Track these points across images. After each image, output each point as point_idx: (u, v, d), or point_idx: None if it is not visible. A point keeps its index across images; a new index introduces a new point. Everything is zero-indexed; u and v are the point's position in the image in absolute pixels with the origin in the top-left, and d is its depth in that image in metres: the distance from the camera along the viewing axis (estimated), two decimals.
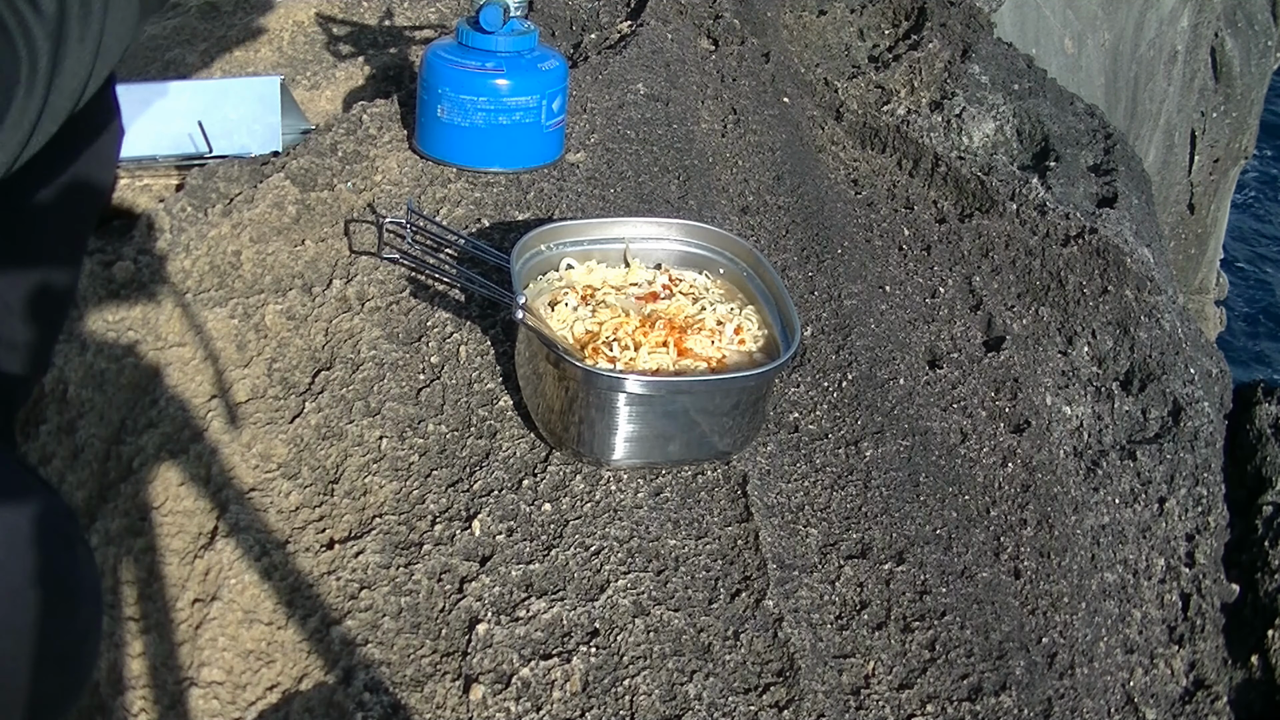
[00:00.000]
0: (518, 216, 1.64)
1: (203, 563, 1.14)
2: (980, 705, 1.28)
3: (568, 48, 2.23)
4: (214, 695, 1.06)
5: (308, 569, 1.17)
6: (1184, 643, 1.61)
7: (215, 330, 1.35)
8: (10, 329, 0.87)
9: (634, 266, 1.44)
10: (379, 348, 1.39)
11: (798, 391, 1.60)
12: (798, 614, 1.25)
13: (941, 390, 1.78)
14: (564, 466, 1.31)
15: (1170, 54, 6.68)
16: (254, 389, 1.32)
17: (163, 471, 1.20)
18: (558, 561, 1.21)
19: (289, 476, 1.24)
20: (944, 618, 1.35)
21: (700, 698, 1.13)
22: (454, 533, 1.22)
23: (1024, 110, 2.56)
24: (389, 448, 1.29)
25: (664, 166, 1.89)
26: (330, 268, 1.49)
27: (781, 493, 1.42)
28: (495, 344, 1.44)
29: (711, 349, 1.31)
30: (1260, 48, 7.80)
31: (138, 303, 1.34)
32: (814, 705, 1.15)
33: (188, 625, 1.10)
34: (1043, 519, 1.61)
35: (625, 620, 1.17)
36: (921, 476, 1.56)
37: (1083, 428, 1.87)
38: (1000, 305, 2.04)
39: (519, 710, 1.08)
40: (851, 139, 2.43)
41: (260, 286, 1.43)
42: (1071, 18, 5.44)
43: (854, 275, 1.94)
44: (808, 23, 2.74)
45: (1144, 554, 1.69)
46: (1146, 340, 2.01)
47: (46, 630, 0.71)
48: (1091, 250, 2.11)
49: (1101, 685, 1.47)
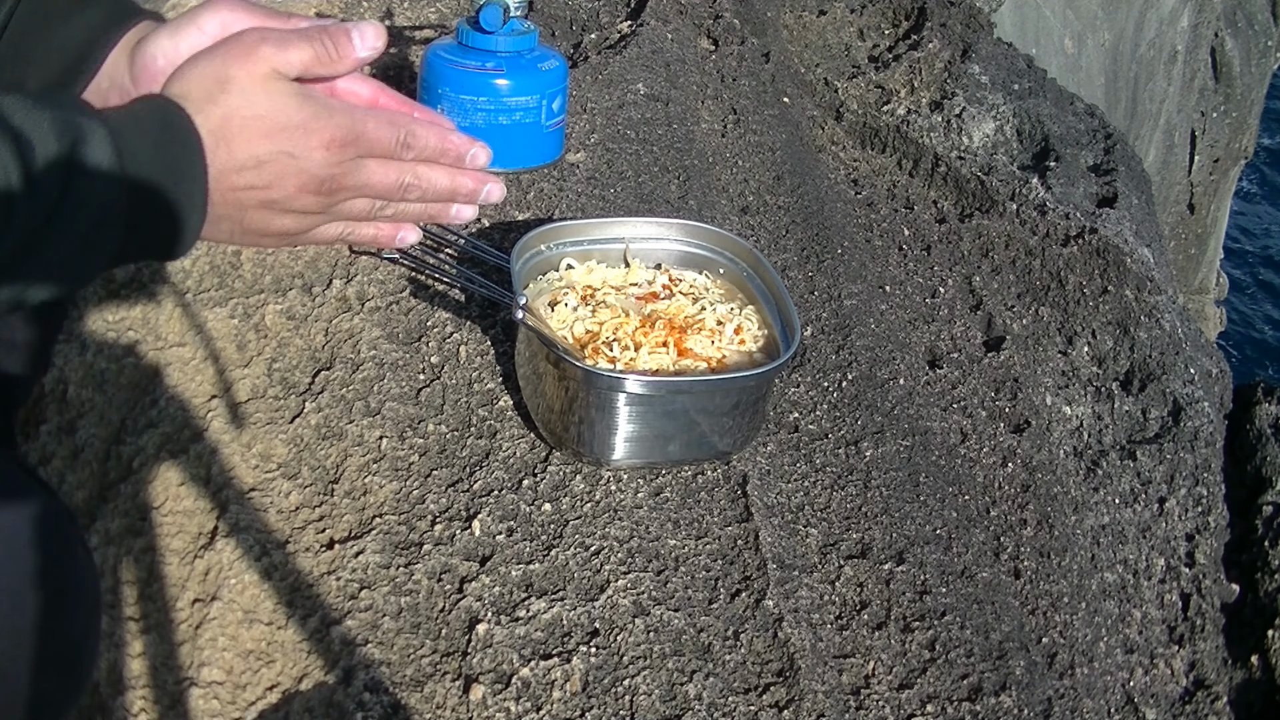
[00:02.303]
0: (518, 216, 1.64)
1: (203, 563, 1.14)
2: (980, 705, 1.28)
3: (568, 48, 2.23)
4: (214, 695, 1.06)
5: (308, 569, 1.17)
6: (1184, 643, 1.61)
7: (215, 330, 1.35)
8: (9, 329, 0.87)
9: (634, 266, 1.44)
10: (379, 348, 1.40)
11: (798, 391, 1.60)
12: (798, 614, 1.25)
13: (941, 390, 1.78)
14: (564, 466, 1.31)
15: (1170, 54, 6.68)
16: (254, 389, 1.32)
17: (163, 471, 1.20)
18: (558, 561, 1.21)
19: (289, 476, 1.24)
20: (944, 618, 1.35)
21: (700, 698, 1.13)
22: (454, 533, 1.22)
23: (1024, 110, 2.56)
24: (389, 448, 1.29)
25: (664, 166, 1.89)
26: (330, 267, 1.49)
27: (781, 493, 1.42)
28: (495, 344, 1.44)
29: (711, 349, 1.31)
30: (1260, 48, 7.80)
31: (138, 303, 1.35)
32: (814, 705, 1.15)
33: (188, 625, 1.10)
34: (1043, 519, 1.61)
35: (625, 620, 1.17)
36: (921, 476, 1.56)
37: (1083, 428, 1.87)
38: (1000, 305, 2.04)
39: (519, 710, 1.08)
40: (851, 139, 2.43)
41: (260, 286, 1.43)
42: (1071, 18, 5.44)
43: (854, 275, 1.94)
44: (808, 23, 2.74)
45: (1144, 554, 1.69)
46: (1146, 340, 2.01)
47: (45, 632, 0.71)
48: (1091, 250, 2.11)
49: (1101, 685, 1.47)
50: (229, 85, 0.70)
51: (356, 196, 0.78)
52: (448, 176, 0.81)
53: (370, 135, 0.75)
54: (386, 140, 0.77)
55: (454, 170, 0.81)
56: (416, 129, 0.78)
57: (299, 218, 0.77)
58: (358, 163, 0.76)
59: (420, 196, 0.81)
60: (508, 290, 1.25)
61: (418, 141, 0.78)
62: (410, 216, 0.83)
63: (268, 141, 0.71)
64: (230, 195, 0.72)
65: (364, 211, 0.80)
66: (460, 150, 0.81)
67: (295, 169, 0.73)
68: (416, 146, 0.78)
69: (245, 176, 0.72)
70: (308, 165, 0.73)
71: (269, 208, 0.74)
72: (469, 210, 0.85)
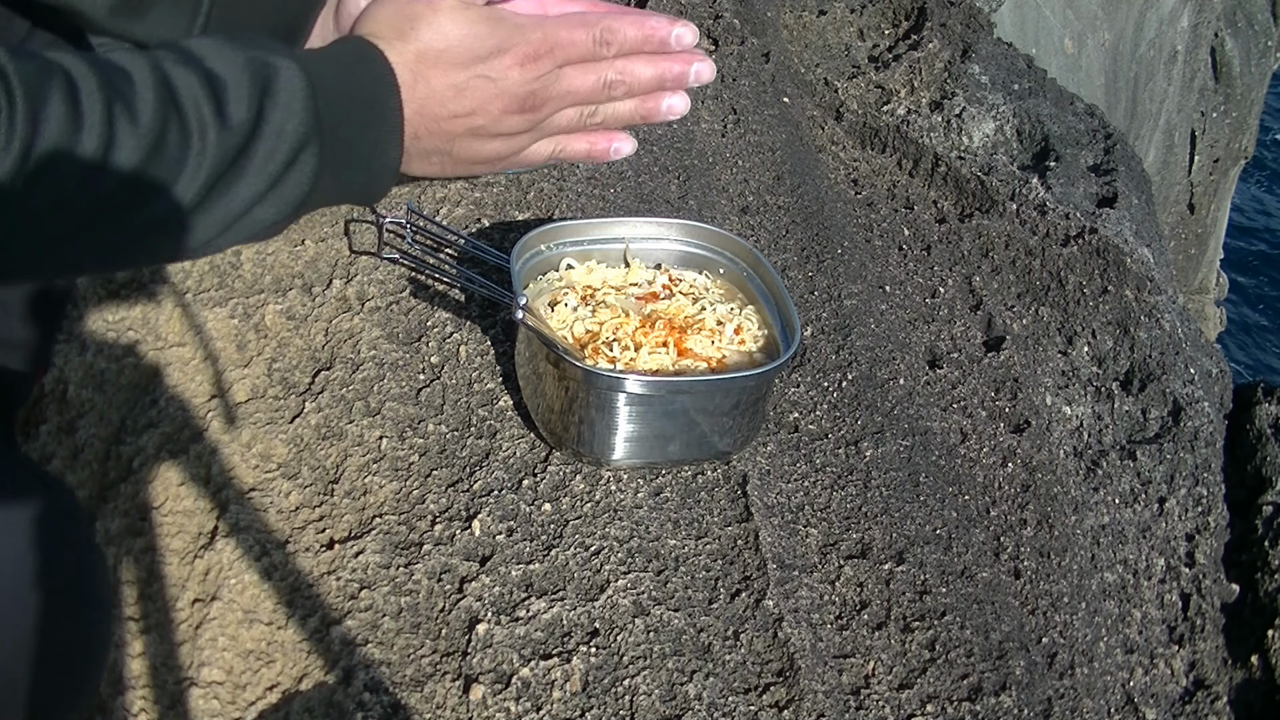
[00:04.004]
0: (518, 216, 1.64)
1: (203, 563, 1.14)
2: (980, 705, 1.28)
3: None
4: (214, 695, 1.06)
5: (308, 569, 1.17)
6: (1184, 643, 1.61)
7: (215, 330, 1.35)
8: (8, 328, 0.87)
9: (634, 266, 1.44)
10: (379, 348, 1.39)
11: (798, 391, 1.60)
12: (798, 614, 1.25)
13: (941, 390, 1.78)
14: (564, 466, 1.31)
15: (1170, 54, 6.68)
16: (254, 389, 1.32)
17: (163, 471, 1.20)
18: (558, 561, 1.21)
19: (289, 476, 1.24)
20: (944, 618, 1.35)
21: (700, 698, 1.13)
22: (454, 533, 1.22)
23: (1024, 110, 2.56)
24: (389, 448, 1.29)
25: (664, 166, 1.89)
26: (330, 267, 1.49)
27: (781, 493, 1.42)
28: (495, 344, 1.44)
29: (711, 349, 1.31)
30: (1260, 48, 7.80)
31: (138, 303, 1.35)
32: (814, 705, 1.15)
33: (188, 625, 1.10)
34: (1043, 519, 1.61)
35: (625, 620, 1.17)
36: (921, 476, 1.56)
37: (1083, 428, 1.87)
38: (1000, 305, 2.04)
39: (519, 710, 1.08)
40: (851, 139, 2.43)
41: (260, 286, 1.43)
42: (1071, 18, 5.44)
43: (854, 275, 1.94)
44: (808, 23, 2.74)
45: (1144, 554, 1.69)
46: (1146, 340, 2.01)
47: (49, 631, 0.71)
48: (1091, 250, 2.11)
49: (1101, 685, 1.47)
50: (417, 21, 0.71)
51: (563, 107, 0.76)
52: (651, 64, 0.78)
53: (564, 42, 0.74)
54: (582, 43, 0.75)
55: (656, 57, 0.78)
56: (612, 23, 0.75)
57: (508, 140, 0.76)
58: (556, 74, 0.74)
59: (628, 92, 0.78)
60: (508, 290, 1.25)
61: (616, 37, 0.76)
62: (622, 118, 0.80)
63: (463, 70, 0.71)
64: (435, 126, 0.72)
65: (573, 121, 0.78)
66: (662, 34, 0.77)
67: (496, 91, 0.72)
68: (616, 42, 0.76)
69: (448, 106, 0.72)
70: (507, 85, 0.73)
71: (476, 134, 0.74)
72: (680, 102, 0.81)
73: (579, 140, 0.81)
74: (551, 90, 0.75)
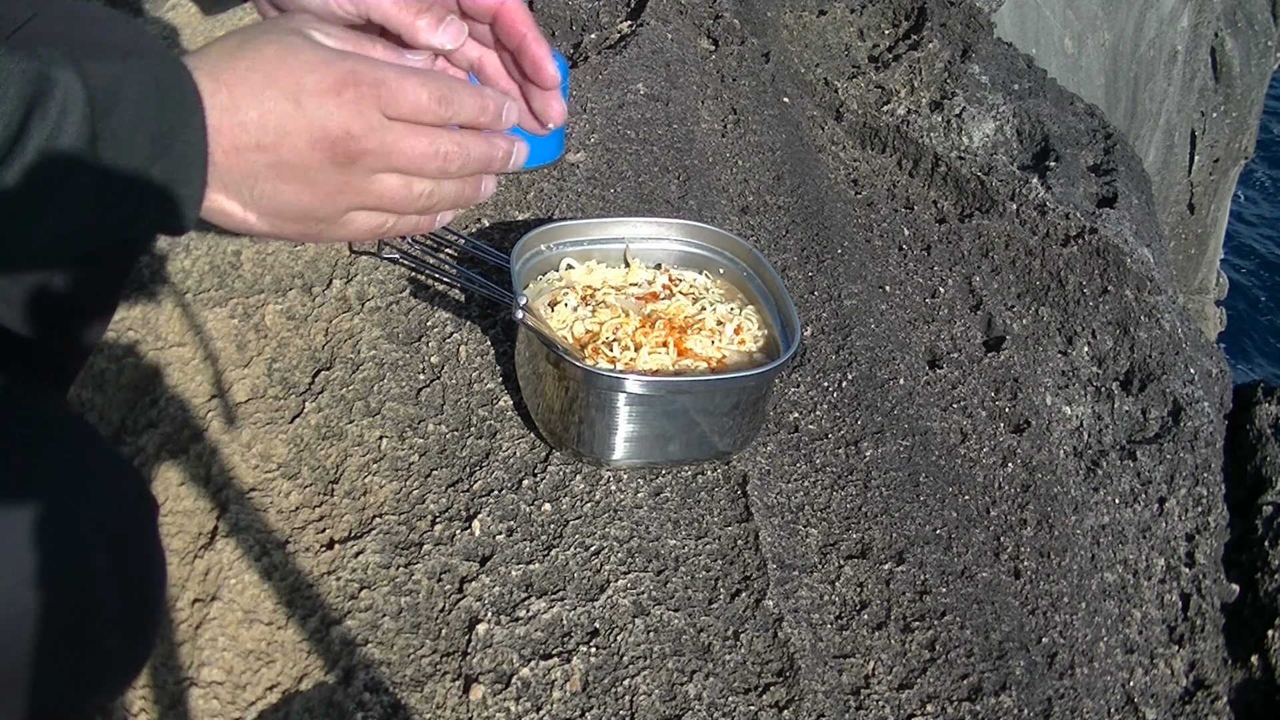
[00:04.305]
0: (518, 216, 1.64)
1: (203, 563, 1.14)
2: (980, 705, 1.28)
3: (568, 48, 2.23)
4: (214, 695, 1.06)
5: (308, 569, 1.17)
6: (1184, 643, 1.61)
7: (215, 330, 1.35)
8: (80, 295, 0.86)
9: (634, 266, 1.44)
10: (379, 348, 1.39)
11: (798, 391, 1.60)
12: (798, 614, 1.25)
13: (941, 390, 1.78)
14: (564, 466, 1.31)
15: (1170, 54, 6.68)
16: (254, 389, 1.32)
17: (163, 471, 1.20)
18: (558, 561, 1.21)
19: (289, 476, 1.24)
20: (944, 618, 1.35)
21: (700, 698, 1.13)
22: (454, 533, 1.22)
23: (1024, 110, 2.56)
24: (389, 448, 1.29)
25: (664, 166, 1.88)
26: (330, 267, 1.49)
27: (781, 493, 1.42)
28: (495, 344, 1.44)
29: (711, 349, 1.31)
30: (1260, 48, 7.80)
31: (138, 303, 1.35)
32: (814, 705, 1.15)
33: (188, 625, 1.10)
34: (1043, 519, 1.61)
35: (625, 620, 1.17)
36: (921, 476, 1.56)
37: (1083, 428, 1.87)
38: (1000, 305, 2.04)
39: (519, 710, 1.08)
40: (851, 139, 2.43)
41: (260, 286, 1.43)
42: (1071, 18, 5.44)
43: (854, 275, 1.94)
44: (808, 23, 2.74)
45: (1144, 554, 1.69)
46: (1146, 340, 2.01)
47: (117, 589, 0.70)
48: (1091, 250, 2.11)
49: (1101, 685, 1.47)
50: (245, 43, 0.64)
51: (387, 169, 0.67)
52: (484, 143, 0.71)
53: (393, 85, 0.65)
54: (413, 95, 0.66)
55: (489, 136, 0.71)
56: (455, 85, 0.68)
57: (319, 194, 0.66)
58: (381, 121, 0.66)
59: (460, 169, 0.70)
60: (508, 290, 1.25)
61: (455, 100, 0.68)
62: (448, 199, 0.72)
63: (270, 87, 0.63)
64: (237, 159, 0.63)
65: (398, 192, 0.69)
66: (496, 108, 0.71)
67: (305, 121, 0.64)
68: (455, 105, 0.68)
69: (250, 133, 0.63)
70: (316, 115, 0.64)
71: (280, 173, 0.65)
72: (492, 186, 0.74)
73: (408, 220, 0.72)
74: (372, 140, 0.65)
